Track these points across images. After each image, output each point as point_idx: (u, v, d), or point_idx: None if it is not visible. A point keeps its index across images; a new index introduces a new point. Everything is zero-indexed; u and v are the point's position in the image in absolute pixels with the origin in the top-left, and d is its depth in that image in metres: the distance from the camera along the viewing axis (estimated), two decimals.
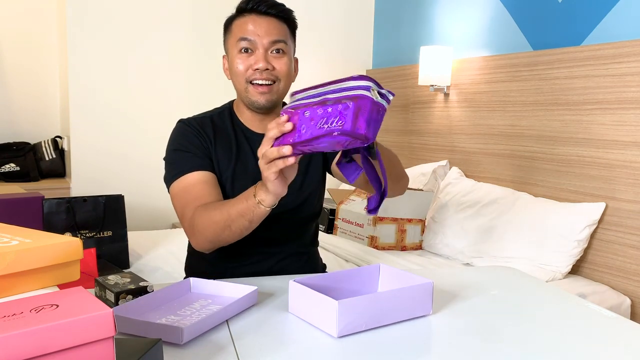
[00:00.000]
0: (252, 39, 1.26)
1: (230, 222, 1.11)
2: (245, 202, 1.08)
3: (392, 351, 0.85)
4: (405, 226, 2.46)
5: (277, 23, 1.28)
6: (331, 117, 0.89)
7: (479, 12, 2.77)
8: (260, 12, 1.28)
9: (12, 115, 3.22)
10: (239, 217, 1.10)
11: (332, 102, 0.91)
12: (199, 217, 1.18)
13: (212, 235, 1.16)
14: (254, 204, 1.06)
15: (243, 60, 1.27)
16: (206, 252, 1.23)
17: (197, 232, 1.19)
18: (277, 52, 1.27)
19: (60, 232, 2.00)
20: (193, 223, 1.19)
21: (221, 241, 1.18)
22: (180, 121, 1.34)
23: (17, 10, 3.17)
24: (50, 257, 0.75)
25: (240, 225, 1.11)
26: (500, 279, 1.27)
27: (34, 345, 0.54)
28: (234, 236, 1.15)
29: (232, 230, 1.13)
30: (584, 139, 2.17)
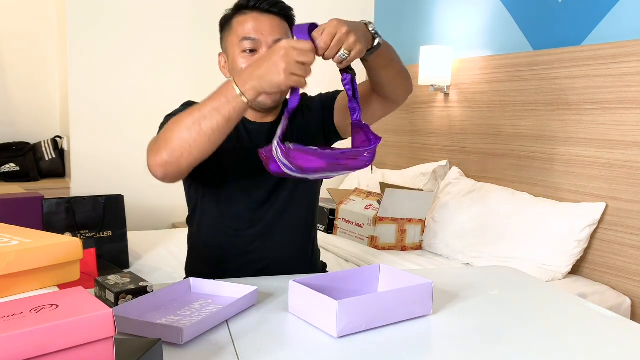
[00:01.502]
0: (256, 38, 1.24)
1: (202, 119, 1.00)
2: (223, 96, 1.00)
3: (392, 351, 0.85)
4: (405, 226, 2.46)
5: (279, 21, 1.28)
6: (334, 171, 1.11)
7: (479, 12, 2.77)
8: (262, 10, 1.26)
9: (12, 115, 3.22)
10: (213, 112, 1.00)
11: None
12: (166, 127, 1.08)
13: (175, 137, 1.03)
14: (233, 95, 0.99)
15: (247, 60, 1.25)
16: (161, 170, 1.06)
17: (160, 140, 1.06)
18: None
19: (60, 232, 2.00)
20: (158, 135, 1.10)
21: (184, 145, 1.02)
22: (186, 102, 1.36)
23: (17, 10, 3.17)
24: (50, 257, 0.75)
25: (214, 122, 1.00)
26: (500, 279, 1.27)
27: (34, 345, 0.54)
28: (201, 138, 1.01)
29: (202, 129, 1.00)
30: (584, 139, 2.17)
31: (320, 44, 1.00)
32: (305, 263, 1.41)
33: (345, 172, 1.11)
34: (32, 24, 3.21)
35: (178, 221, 3.15)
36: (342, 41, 1.01)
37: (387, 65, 1.19)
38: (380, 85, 1.25)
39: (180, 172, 1.08)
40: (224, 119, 1.00)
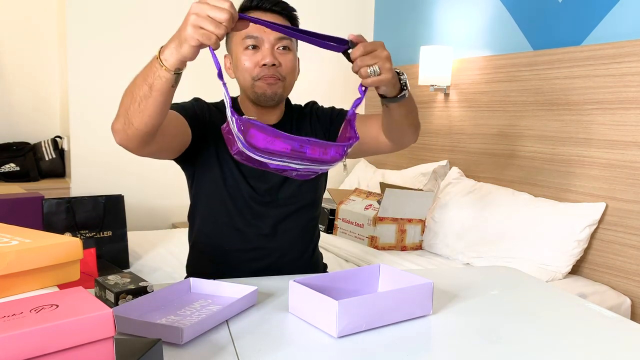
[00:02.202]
0: (259, 35, 1.26)
1: (134, 87, 1.02)
2: (150, 63, 1.00)
3: (392, 351, 0.85)
4: (405, 226, 2.46)
5: (281, 20, 1.29)
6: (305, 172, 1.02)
7: (479, 12, 2.77)
8: (264, 9, 1.29)
9: (12, 115, 3.22)
10: (141, 81, 1.01)
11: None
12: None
13: (122, 107, 1.06)
14: (156, 64, 0.97)
15: (249, 57, 1.27)
16: (116, 134, 1.10)
17: (117, 115, 1.09)
18: (283, 49, 1.29)
19: (60, 232, 2.00)
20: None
21: (124, 113, 1.05)
22: (195, 98, 1.38)
23: (17, 10, 3.17)
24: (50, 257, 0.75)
25: (142, 92, 1.00)
26: (500, 279, 1.27)
27: (34, 345, 0.54)
28: (134, 107, 1.02)
29: (134, 97, 1.02)
30: (584, 139, 2.17)
31: (359, 49, 0.99)
32: (306, 263, 1.41)
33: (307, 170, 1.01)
34: (32, 24, 3.21)
35: (178, 221, 3.15)
36: (379, 59, 1.00)
37: (405, 115, 1.19)
38: (391, 130, 1.26)
39: (132, 141, 1.09)
40: (148, 86, 0.99)
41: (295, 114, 1.42)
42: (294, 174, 1.02)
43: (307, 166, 1.00)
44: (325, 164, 1.01)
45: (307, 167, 1.00)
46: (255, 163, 0.98)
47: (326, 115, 1.43)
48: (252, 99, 1.32)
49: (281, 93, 1.31)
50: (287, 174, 1.02)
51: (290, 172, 1.01)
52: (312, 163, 0.99)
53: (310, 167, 1.00)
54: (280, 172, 1.01)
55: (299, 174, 1.03)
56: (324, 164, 1.01)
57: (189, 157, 1.31)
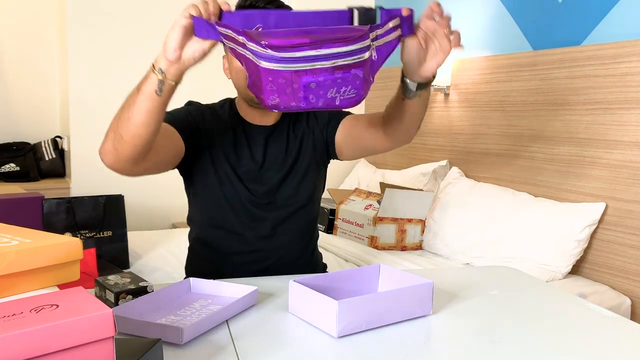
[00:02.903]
0: None
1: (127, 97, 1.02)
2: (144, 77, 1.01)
3: (392, 351, 0.85)
4: (405, 226, 2.46)
5: None
6: (342, 86, 0.91)
7: (479, 12, 2.77)
8: (259, 7, 1.26)
9: (12, 115, 3.22)
10: (135, 90, 1.00)
11: (342, 69, 0.90)
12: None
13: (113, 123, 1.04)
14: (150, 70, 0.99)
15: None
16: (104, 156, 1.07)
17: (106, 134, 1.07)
18: None
19: (60, 232, 2.00)
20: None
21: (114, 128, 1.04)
22: (189, 101, 1.37)
23: (17, 10, 3.17)
24: (50, 257, 0.75)
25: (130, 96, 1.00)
26: (500, 279, 1.27)
27: (34, 345, 0.54)
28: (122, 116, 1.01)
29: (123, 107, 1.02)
30: (584, 139, 2.17)
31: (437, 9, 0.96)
32: (306, 264, 1.41)
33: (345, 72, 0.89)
34: (32, 24, 3.21)
35: (178, 221, 3.15)
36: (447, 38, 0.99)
37: (423, 106, 1.18)
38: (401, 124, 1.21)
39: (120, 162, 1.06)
40: (137, 89, 0.99)
41: (293, 114, 1.40)
42: (341, 91, 0.92)
43: (335, 57, 0.87)
44: (352, 42, 0.88)
45: (336, 58, 0.88)
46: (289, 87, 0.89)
47: (325, 114, 1.42)
48: (248, 101, 1.31)
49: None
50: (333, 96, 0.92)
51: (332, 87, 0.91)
52: (338, 46, 0.87)
53: (339, 56, 0.88)
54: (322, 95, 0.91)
55: (344, 85, 0.91)
56: (350, 42, 0.88)
57: (184, 166, 1.30)
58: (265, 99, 0.93)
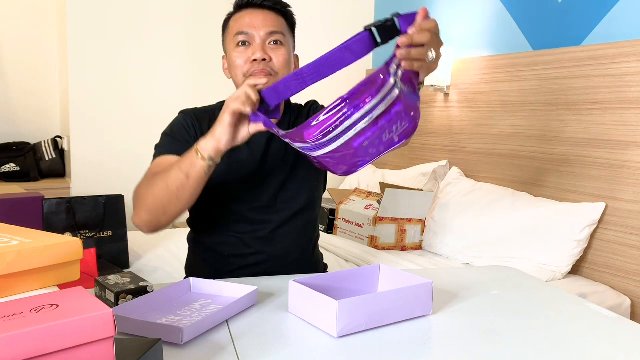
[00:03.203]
0: (249, 32, 1.24)
1: (168, 179, 1.08)
2: (187, 155, 1.07)
3: (392, 351, 0.85)
4: (405, 226, 2.45)
5: (273, 16, 1.27)
6: (392, 125, 0.93)
7: (479, 12, 2.77)
8: (256, 5, 1.28)
9: (12, 115, 3.22)
10: (177, 172, 1.07)
11: (383, 116, 0.92)
12: (140, 184, 1.15)
13: (150, 199, 1.10)
14: (194, 155, 1.05)
15: (240, 54, 1.25)
16: (144, 228, 1.15)
17: (137, 199, 1.15)
18: (274, 44, 1.25)
19: (60, 232, 2.00)
20: (134, 192, 1.16)
21: (158, 206, 1.10)
22: (181, 112, 1.36)
23: (17, 10, 3.17)
24: (50, 257, 0.75)
25: (178, 182, 1.07)
26: (500, 279, 1.27)
27: (34, 345, 0.54)
28: (172, 199, 1.09)
29: (170, 190, 1.08)
30: (584, 139, 2.17)
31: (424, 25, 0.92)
32: (306, 264, 1.40)
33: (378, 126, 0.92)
34: (32, 24, 3.21)
35: (178, 221, 3.15)
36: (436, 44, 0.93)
37: None
38: None
39: (162, 226, 1.16)
40: (185, 175, 1.07)
41: (293, 114, 1.39)
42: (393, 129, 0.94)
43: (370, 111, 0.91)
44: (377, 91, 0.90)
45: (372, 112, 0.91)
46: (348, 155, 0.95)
47: None
48: None
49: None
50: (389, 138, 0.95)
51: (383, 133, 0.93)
52: (367, 102, 0.90)
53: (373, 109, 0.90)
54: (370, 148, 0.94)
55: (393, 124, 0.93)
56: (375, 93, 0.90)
57: None
58: (336, 172, 1.00)
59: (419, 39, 0.91)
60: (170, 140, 1.28)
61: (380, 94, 0.91)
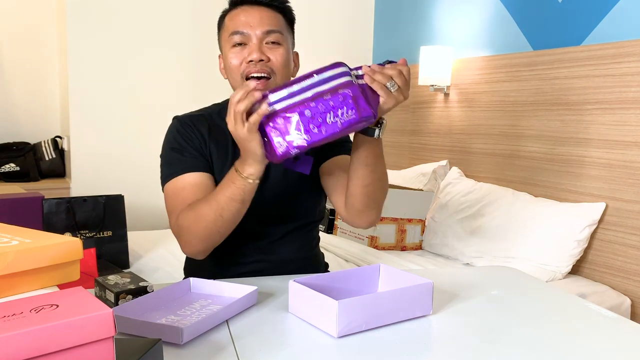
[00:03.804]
0: (245, 31, 1.19)
1: (221, 211, 1.09)
2: (232, 184, 1.07)
3: (392, 351, 0.85)
4: (405, 226, 2.45)
5: (270, 13, 1.22)
6: (337, 109, 0.98)
7: (479, 12, 2.77)
8: (252, 2, 1.22)
9: (12, 115, 3.22)
10: (229, 202, 1.08)
11: (329, 94, 0.98)
12: (185, 218, 1.14)
13: (202, 233, 1.12)
14: (242, 182, 1.06)
15: (236, 54, 1.20)
16: (199, 256, 1.19)
17: (186, 233, 1.15)
18: (272, 44, 1.21)
19: (60, 232, 2.00)
20: (179, 225, 1.17)
21: (214, 235, 1.13)
22: (175, 118, 1.31)
23: (17, 10, 3.17)
24: (50, 257, 0.75)
25: (233, 210, 1.09)
26: (500, 279, 1.27)
27: (34, 345, 0.54)
28: (227, 225, 1.12)
29: (225, 219, 1.10)
30: (584, 139, 2.17)
31: (399, 66, 1.04)
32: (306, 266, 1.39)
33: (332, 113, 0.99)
34: (32, 24, 3.21)
35: None
36: (401, 78, 1.04)
37: (375, 164, 1.14)
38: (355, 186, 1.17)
39: (211, 249, 1.19)
40: (240, 203, 1.09)
41: None
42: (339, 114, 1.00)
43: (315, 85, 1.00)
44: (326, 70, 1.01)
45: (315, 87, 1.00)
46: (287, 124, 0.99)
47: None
48: None
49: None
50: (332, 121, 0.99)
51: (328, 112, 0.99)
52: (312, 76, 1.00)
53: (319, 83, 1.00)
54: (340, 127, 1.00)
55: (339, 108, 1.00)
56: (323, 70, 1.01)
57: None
58: (275, 149, 1.00)
59: (387, 71, 1.03)
60: (179, 157, 1.24)
61: (327, 72, 1.00)
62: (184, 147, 1.25)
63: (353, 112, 0.99)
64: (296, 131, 0.99)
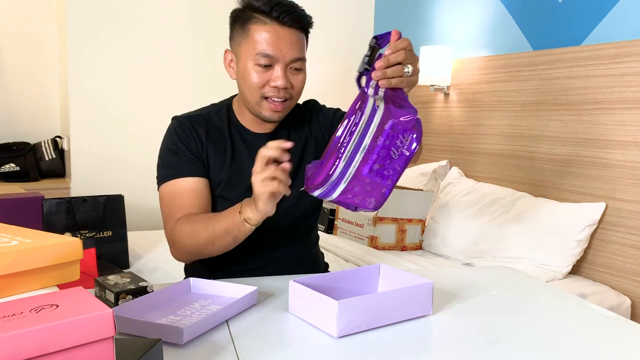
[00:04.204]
0: (274, 55, 1.17)
1: (215, 239, 1.14)
2: (231, 219, 1.10)
3: (392, 351, 0.85)
4: (405, 226, 2.45)
5: (299, 36, 1.21)
6: (394, 142, 0.95)
7: (479, 12, 2.77)
8: (283, 23, 1.17)
9: (12, 115, 3.22)
10: (224, 234, 1.12)
11: (379, 137, 0.95)
12: (181, 230, 1.19)
13: (192, 248, 1.19)
14: (239, 221, 1.09)
15: (260, 74, 1.19)
16: (184, 262, 1.26)
17: (178, 243, 1.21)
18: (296, 70, 1.22)
19: (60, 232, 2.00)
20: (174, 234, 1.21)
21: (202, 255, 1.20)
22: (174, 118, 1.32)
23: (17, 10, 3.17)
24: (50, 257, 0.75)
25: (225, 242, 1.14)
26: (500, 279, 1.27)
27: (34, 345, 0.54)
28: (216, 251, 1.18)
29: (215, 246, 1.15)
30: (584, 139, 2.17)
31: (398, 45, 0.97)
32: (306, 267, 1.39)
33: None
34: (32, 24, 3.21)
35: None
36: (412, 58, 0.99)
37: None
38: None
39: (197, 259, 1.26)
40: (232, 238, 1.13)
41: (293, 116, 1.33)
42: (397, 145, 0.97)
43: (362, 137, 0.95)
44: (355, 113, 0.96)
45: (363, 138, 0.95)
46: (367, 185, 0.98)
47: (327, 117, 1.37)
48: (254, 114, 1.26)
49: (285, 114, 1.26)
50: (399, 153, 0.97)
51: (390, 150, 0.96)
52: (354, 128, 0.95)
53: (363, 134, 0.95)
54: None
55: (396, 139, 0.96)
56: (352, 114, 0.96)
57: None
58: (368, 207, 1.02)
59: (395, 59, 0.97)
60: (174, 158, 1.25)
61: (362, 120, 0.95)
62: (181, 149, 1.26)
63: (408, 132, 0.95)
64: (373, 185, 0.98)
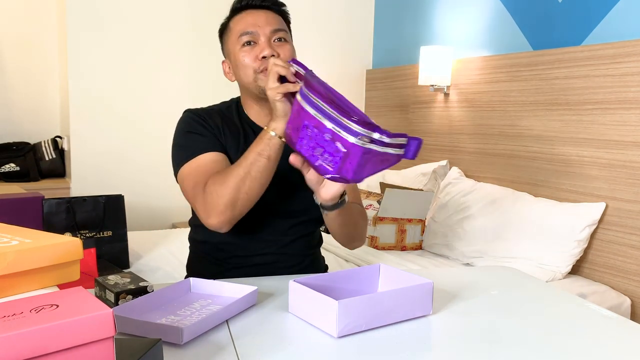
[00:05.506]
0: (254, 31, 1.26)
1: (250, 167, 1.11)
2: (259, 140, 1.12)
3: (392, 351, 0.85)
4: (405, 226, 2.45)
5: (273, 14, 1.30)
6: (326, 152, 0.97)
7: (479, 12, 2.77)
8: (255, 6, 1.30)
9: (12, 115, 3.22)
10: (257, 156, 1.11)
11: (331, 135, 0.95)
12: (213, 183, 1.15)
13: (231, 194, 1.12)
14: (268, 137, 1.10)
15: (247, 53, 1.26)
16: (223, 226, 1.16)
17: (214, 199, 1.14)
18: (279, 41, 1.27)
19: (60, 232, 2.00)
20: (206, 192, 1.16)
21: (241, 197, 1.13)
22: (188, 110, 1.34)
23: (17, 10, 3.17)
24: (50, 257, 0.75)
25: (260, 166, 1.11)
26: (500, 279, 1.27)
27: (34, 345, 0.54)
28: (254, 185, 1.12)
29: (253, 176, 1.11)
30: (584, 139, 2.17)
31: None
32: (308, 264, 1.39)
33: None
34: (32, 24, 3.21)
35: (178, 221, 3.15)
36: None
37: (346, 212, 1.22)
38: (332, 229, 1.29)
39: (237, 219, 1.18)
40: (267, 159, 1.11)
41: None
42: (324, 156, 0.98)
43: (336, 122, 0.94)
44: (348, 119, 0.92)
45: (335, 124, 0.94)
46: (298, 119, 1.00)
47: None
48: (256, 94, 1.28)
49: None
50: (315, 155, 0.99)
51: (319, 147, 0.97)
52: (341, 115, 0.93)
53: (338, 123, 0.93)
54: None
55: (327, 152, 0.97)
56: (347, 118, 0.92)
57: None
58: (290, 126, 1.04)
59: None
60: (194, 138, 1.27)
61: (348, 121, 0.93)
62: (201, 131, 1.28)
63: (331, 164, 0.96)
64: (298, 130, 1.01)
